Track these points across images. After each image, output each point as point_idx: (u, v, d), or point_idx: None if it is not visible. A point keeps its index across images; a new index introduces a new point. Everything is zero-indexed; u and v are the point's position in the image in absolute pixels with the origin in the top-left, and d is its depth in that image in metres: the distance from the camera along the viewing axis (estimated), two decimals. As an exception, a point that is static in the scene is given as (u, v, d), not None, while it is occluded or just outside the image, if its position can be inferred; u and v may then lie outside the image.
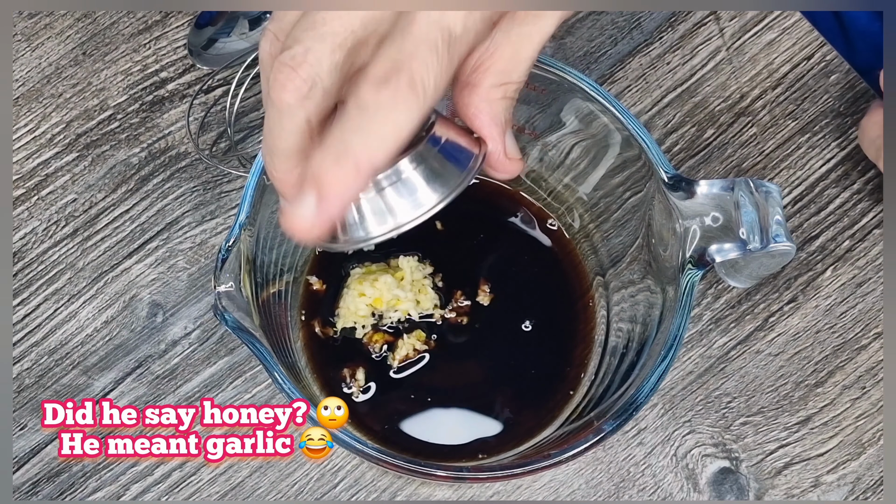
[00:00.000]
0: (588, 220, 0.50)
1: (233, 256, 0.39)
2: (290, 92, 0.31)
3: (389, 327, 0.49)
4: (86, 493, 0.51)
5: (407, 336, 0.48)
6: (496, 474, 0.38)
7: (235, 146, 0.55)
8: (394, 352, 0.48)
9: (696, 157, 0.57)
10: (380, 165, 0.32)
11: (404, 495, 0.51)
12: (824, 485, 0.52)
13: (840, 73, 0.58)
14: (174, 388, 0.52)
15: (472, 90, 0.35)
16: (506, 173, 0.37)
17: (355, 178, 0.32)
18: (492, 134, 0.36)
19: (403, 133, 0.32)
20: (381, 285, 0.48)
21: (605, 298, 0.49)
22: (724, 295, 0.54)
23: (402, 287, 0.48)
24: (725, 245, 0.39)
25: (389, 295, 0.48)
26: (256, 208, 0.40)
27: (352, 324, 0.49)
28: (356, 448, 0.38)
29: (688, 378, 0.53)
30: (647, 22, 0.59)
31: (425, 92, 0.31)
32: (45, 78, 0.57)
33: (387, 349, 0.48)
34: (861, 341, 0.54)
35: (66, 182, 0.56)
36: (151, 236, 0.55)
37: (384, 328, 0.49)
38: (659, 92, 0.58)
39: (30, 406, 0.52)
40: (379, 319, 0.49)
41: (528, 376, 0.49)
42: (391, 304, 0.48)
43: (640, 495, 0.51)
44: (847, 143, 0.57)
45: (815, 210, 0.56)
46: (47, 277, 0.54)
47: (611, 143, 0.44)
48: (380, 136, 0.31)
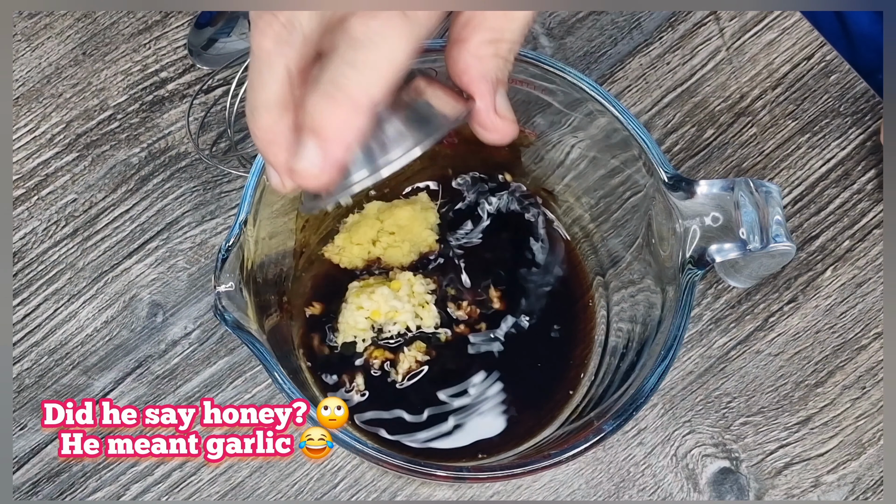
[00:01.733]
0: (588, 220, 0.50)
1: (233, 256, 0.39)
2: (268, 37, 0.30)
3: (389, 341, 0.49)
4: (86, 493, 0.51)
5: (407, 349, 0.48)
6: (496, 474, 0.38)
7: (235, 146, 0.55)
8: (396, 367, 0.48)
9: (696, 157, 0.57)
10: (379, 99, 0.30)
11: (404, 495, 0.51)
12: (824, 485, 0.52)
13: (840, 73, 0.58)
14: (174, 388, 0.52)
15: (462, 45, 0.34)
16: (496, 133, 0.36)
17: (355, 116, 0.30)
18: (479, 90, 0.34)
19: (398, 63, 0.30)
20: (378, 297, 0.48)
21: (605, 298, 0.49)
22: (724, 295, 0.54)
23: (398, 298, 0.48)
24: (725, 245, 0.39)
25: (387, 307, 0.48)
26: (256, 208, 0.40)
27: (352, 338, 0.48)
28: (356, 448, 0.38)
29: (688, 378, 0.53)
30: (646, 22, 0.59)
31: (417, 19, 0.30)
32: (46, 78, 0.57)
33: (389, 365, 0.48)
34: (861, 341, 0.54)
35: (66, 182, 0.56)
36: (151, 236, 0.55)
37: (384, 342, 0.49)
38: (659, 92, 0.58)
39: (30, 406, 0.52)
40: (378, 333, 0.49)
41: (528, 376, 0.49)
42: (389, 315, 0.48)
43: (640, 495, 0.51)
44: (847, 143, 0.57)
45: (814, 210, 0.56)
46: (47, 277, 0.54)
47: (611, 144, 0.44)
48: (375, 69, 0.30)
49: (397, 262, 0.50)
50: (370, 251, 0.50)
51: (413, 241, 0.50)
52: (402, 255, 0.50)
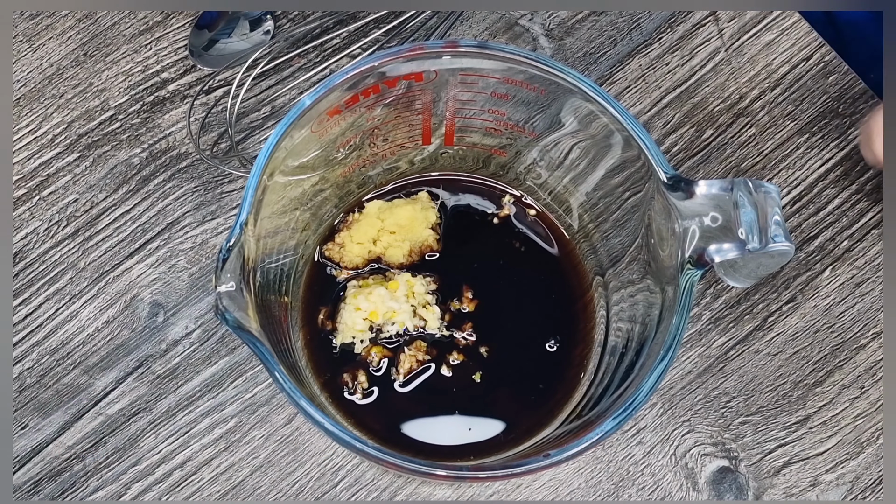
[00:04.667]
0: (588, 220, 0.50)
1: (233, 256, 0.39)
2: None
3: (388, 341, 0.49)
4: (87, 492, 0.51)
5: (408, 349, 0.48)
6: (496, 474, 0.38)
7: (236, 146, 0.55)
8: (397, 366, 0.48)
9: (696, 158, 0.57)
10: None
11: (404, 495, 0.51)
12: (823, 484, 0.52)
13: (839, 73, 0.58)
14: (175, 387, 0.52)
15: None
16: None
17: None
18: None
19: None
20: (375, 298, 0.48)
21: (604, 298, 0.50)
22: (723, 295, 0.55)
23: (396, 299, 0.48)
24: (724, 245, 0.39)
25: (384, 307, 0.48)
26: (257, 208, 0.40)
27: (350, 339, 0.49)
28: (356, 447, 0.38)
29: (687, 377, 0.53)
30: (646, 23, 0.59)
31: None
32: (47, 78, 0.57)
33: (387, 364, 0.48)
34: (860, 341, 0.54)
35: (68, 182, 0.56)
36: (152, 236, 0.55)
37: (383, 342, 0.49)
38: (658, 93, 0.58)
39: (31, 406, 0.52)
40: (377, 333, 0.49)
41: (528, 376, 0.49)
42: (387, 316, 0.48)
43: (639, 494, 0.52)
44: (846, 144, 0.57)
45: (813, 210, 0.56)
46: (49, 277, 0.54)
47: (610, 144, 0.44)
48: None
49: (397, 262, 0.50)
50: (370, 250, 0.50)
51: (413, 241, 0.50)
52: (403, 255, 0.50)
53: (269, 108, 0.57)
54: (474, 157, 0.51)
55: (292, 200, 0.46)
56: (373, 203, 0.51)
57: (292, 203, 0.46)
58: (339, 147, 0.47)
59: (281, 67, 0.57)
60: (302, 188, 0.47)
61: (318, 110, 0.42)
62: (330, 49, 0.58)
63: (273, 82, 0.57)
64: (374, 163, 0.50)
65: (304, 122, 0.42)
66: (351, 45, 0.57)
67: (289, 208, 0.46)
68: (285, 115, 0.41)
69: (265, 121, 0.56)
